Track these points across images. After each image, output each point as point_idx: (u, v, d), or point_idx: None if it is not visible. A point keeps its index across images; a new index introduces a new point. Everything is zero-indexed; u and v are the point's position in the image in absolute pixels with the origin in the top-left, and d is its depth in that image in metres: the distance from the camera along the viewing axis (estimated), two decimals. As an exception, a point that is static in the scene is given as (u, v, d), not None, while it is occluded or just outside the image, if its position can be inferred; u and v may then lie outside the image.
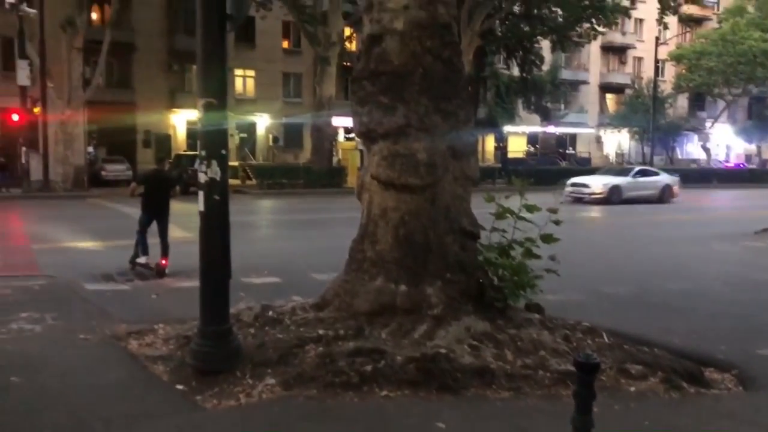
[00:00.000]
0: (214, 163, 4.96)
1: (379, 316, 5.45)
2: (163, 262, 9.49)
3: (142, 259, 9.73)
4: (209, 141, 5.07)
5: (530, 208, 5.77)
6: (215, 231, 5.04)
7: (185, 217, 12.64)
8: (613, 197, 24.76)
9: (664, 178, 27.10)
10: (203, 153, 5.02)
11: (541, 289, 5.91)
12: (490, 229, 5.96)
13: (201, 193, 5.02)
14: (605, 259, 11.75)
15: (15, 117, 26.32)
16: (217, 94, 5.07)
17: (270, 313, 5.92)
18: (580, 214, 19.99)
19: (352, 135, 31.51)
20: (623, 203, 24.36)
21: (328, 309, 5.76)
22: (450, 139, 5.79)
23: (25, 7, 25.11)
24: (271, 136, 41.13)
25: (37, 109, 26.62)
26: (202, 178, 4.99)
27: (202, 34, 5.05)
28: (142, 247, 9.76)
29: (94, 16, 33.89)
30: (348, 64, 37.42)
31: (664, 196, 26.08)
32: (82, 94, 27.71)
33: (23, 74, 25.68)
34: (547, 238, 5.79)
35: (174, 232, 10.23)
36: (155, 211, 9.82)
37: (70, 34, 26.68)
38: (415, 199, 5.68)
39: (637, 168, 28.74)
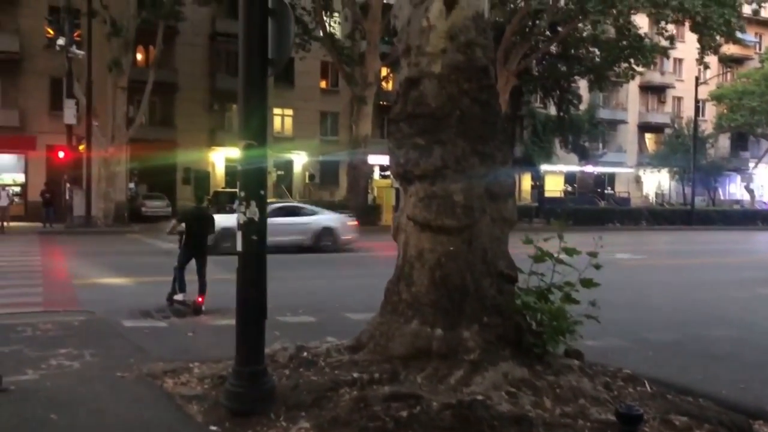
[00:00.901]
0: (253, 203, 5.01)
1: (415, 360, 5.38)
2: (200, 299, 9.57)
3: (179, 296, 9.82)
4: (248, 181, 5.12)
5: (569, 252, 5.67)
6: (252, 271, 5.06)
7: (225, 256, 12.80)
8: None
9: (322, 219, 20.63)
10: (242, 193, 5.07)
11: (580, 335, 5.78)
12: (528, 272, 5.87)
13: (239, 233, 5.06)
14: (647, 302, 11.47)
15: (61, 154, 27.15)
16: (257, 136, 5.14)
17: (305, 354, 5.89)
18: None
19: (388, 173, 31.71)
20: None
21: (363, 351, 5.70)
22: (487, 180, 5.76)
23: (74, 49, 26.04)
24: (307, 174, 41.58)
25: (82, 147, 27.43)
26: (241, 218, 5.04)
27: (243, 78, 5.15)
28: (179, 283, 9.86)
29: (139, 56, 34.95)
30: (384, 103, 37.88)
31: (320, 241, 19.90)
32: (125, 132, 28.47)
33: (70, 113, 26.53)
34: (587, 283, 5.68)
35: (211, 272, 10.32)
36: (194, 249, 9.95)
37: (115, 75, 27.53)
38: (452, 240, 5.63)
39: (278, 205, 20.76)
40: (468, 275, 5.59)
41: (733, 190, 57.51)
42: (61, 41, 25.62)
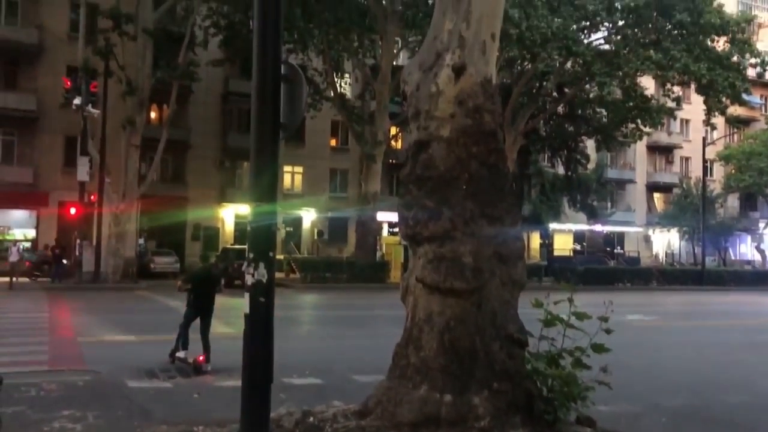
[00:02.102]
0: (262, 265, 5.00)
1: (424, 427, 5.26)
2: (201, 359, 9.55)
3: (181, 354, 9.85)
4: (257, 243, 5.13)
5: (580, 316, 5.62)
6: (259, 334, 5.02)
7: (229, 311, 12.75)
8: None
9: None
10: (251, 255, 5.08)
11: (592, 401, 5.66)
12: (538, 337, 5.80)
13: (247, 295, 5.04)
14: (659, 365, 11.27)
15: (72, 210, 27.39)
16: (268, 198, 5.18)
17: (311, 419, 5.77)
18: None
19: (396, 230, 31.78)
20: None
21: (371, 417, 5.59)
22: (496, 243, 5.75)
23: (90, 108, 26.57)
24: (316, 230, 41.70)
25: (93, 203, 27.67)
26: (249, 279, 5.03)
27: (255, 141, 5.21)
28: (183, 341, 9.91)
29: (153, 115, 35.56)
30: (393, 161, 38.28)
31: None
32: (136, 189, 28.75)
33: (83, 170, 26.89)
34: (598, 348, 5.60)
35: (217, 328, 10.27)
36: (201, 308, 10.03)
37: (129, 133, 27.99)
38: (461, 303, 5.59)
39: None
40: (477, 339, 5.52)
41: (744, 250, 57.14)
42: (77, 100, 26.16)
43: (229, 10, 28.81)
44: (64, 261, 27.72)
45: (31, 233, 33.02)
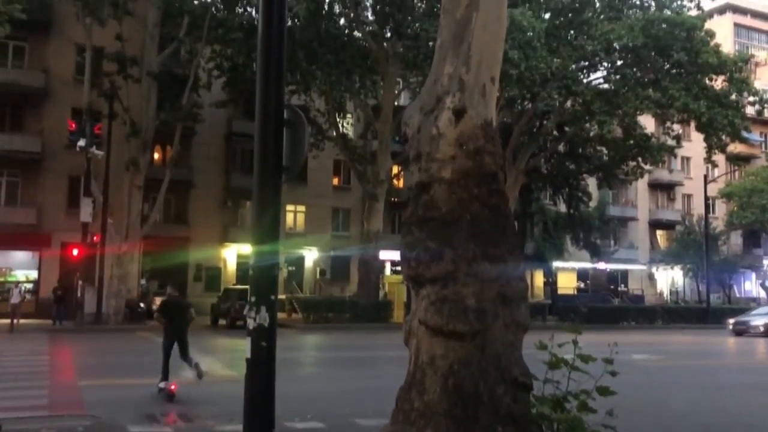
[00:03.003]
0: (263, 308, 4.99)
1: (427, 473, 5.16)
2: (172, 387, 10.16)
3: (161, 384, 10.37)
4: (259, 286, 5.12)
5: (584, 359, 5.56)
6: (260, 379, 4.97)
7: (232, 353, 12.65)
8: None
9: None
10: (253, 298, 5.06)
11: (599, 446, 5.56)
12: (543, 380, 5.73)
13: (248, 339, 5.01)
14: (668, 407, 11.10)
15: (75, 252, 27.38)
16: (270, 240, 5.18)
17: (313, 465, 5.68)
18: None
19: (399, 268, 31.75)
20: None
21: (374, 463, 5.49)
22: (499, 284, 5.72)
23: (94, 149, 26.79)
24: (318, 269, 41.61)
25: (96, 244, 27.68)
26: (251, 324, 5.00)
27: (258, 184, 5.25)
28: (163, 371, 10.59)
29: (156, 155, 35.82)
30: (395, 200, 38.41)
31: None
32: (139, 229, 28.82)
33: (86, 211, 26.98)
34: (604, 391, 5.53)
35: (219, 370, 10.17)
36: (174, 335, 11.03)
37: (132, 174, 28.18)
38: (465, 346, 5.53)
39: None
40: (481, 383, 5.45)
41: (749, 287, 56.83)
42: (81, 142, 26.39)
43: (232, 52, 29.24)
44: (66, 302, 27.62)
45: (33, 274, 32.98)
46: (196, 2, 28.18)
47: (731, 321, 32.81)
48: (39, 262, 32.93)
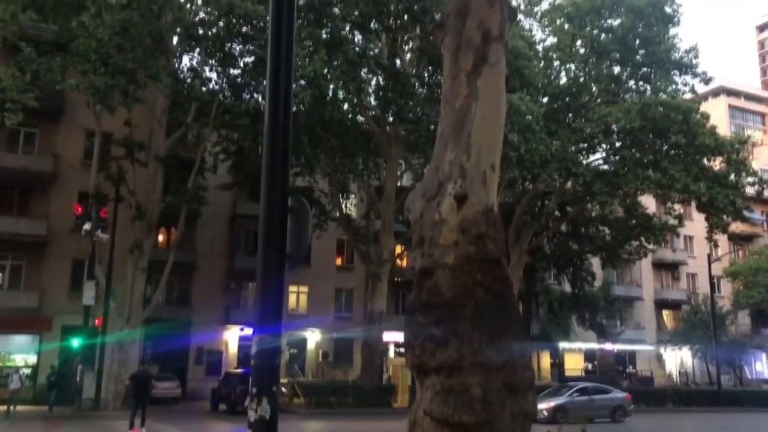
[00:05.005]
0: (265, 400, 4.89)
1: None
2: None
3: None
4: (261, 376, 5.03)
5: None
6: (262, 475, 4.83)
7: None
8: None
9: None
10: (254, 389, 4.97)
11: None
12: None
13: (249, 432, 4.90)
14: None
15: (75, 342, 26.96)
16: (272, 328, 5.14)
17: None
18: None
19: (403, 350, 31.20)
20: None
21: None
22: (506, 373, 5.62)
23: (99, 233, 26.93)
24: (320, 352, 41.02)
25: (97, 328, 27.40)
26: (252, 416, 4.89)
27: (261, 270, 5.25)
28: (130, 423, 15.18)
29: (161, 238, 35.92)
30: (399, 279, 38.26)
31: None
32: (141, 312, 28.63)
33: (89, 295, 26.84)
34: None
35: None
36: (140, 399, 17.02)
37: (136, 256, 28.22)
38: (471, 438, 5.39)
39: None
40: (489, 476, 5.29)
41: (760, 368, 55.71)
42: (87, 226, 26.56)
43: (239, 136, 29.83)
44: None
45: (33, 359, 32.44)
46: (204, 89, 28.94)
47: None
48: (39, 346, 32.50)
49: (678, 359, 53.86)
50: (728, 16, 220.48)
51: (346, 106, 30.67)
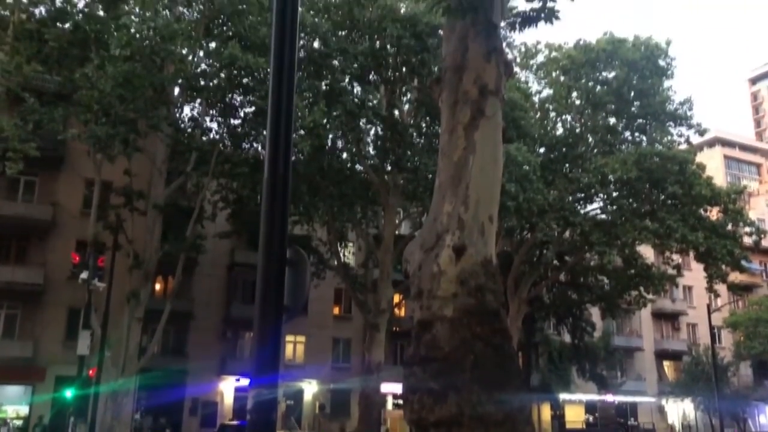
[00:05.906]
0: (261, 456, 4.80)
1: None
2: None
3: None
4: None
5: None
6: None
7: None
8: None
9: None
10: (249, 446, 4.89)
11: None
12: None
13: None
14: None
15: (69, 393, 26.54)
16: (269, 379, 5.08)
17: None
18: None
19: (401, 401, 30.76)
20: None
21: None
22: (505, 429, 5.54)
23: (96, 282, 26.75)
24: (317, 403, 40.36)
25: (91, 379, 27.00)
26: (247, 472, 4.80)
27: (258, 322, 5.21)
28: None
29: (158, 287, 35.73)
30: (397, 329, 37.92)
31: None
32: (136, 362, 28.21)
33: (84, 344, 26.46)
34: None
35: None
36: None
37: (133, 306, 27.96)
38: (471, 495, 5.28)
39: None
40: None
41: (764, 420, 54.83)
42: (84, 275, 26.39)
43: (238, 185, 29.95)
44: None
45: (24, 410, 31.86)
46: (204, 139, 29.18)
47: None
48: (31, 397, 31.96)
49: (680, 411, 53.03)
50: (721, 69, 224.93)
51: (345, 156, 30.90)
